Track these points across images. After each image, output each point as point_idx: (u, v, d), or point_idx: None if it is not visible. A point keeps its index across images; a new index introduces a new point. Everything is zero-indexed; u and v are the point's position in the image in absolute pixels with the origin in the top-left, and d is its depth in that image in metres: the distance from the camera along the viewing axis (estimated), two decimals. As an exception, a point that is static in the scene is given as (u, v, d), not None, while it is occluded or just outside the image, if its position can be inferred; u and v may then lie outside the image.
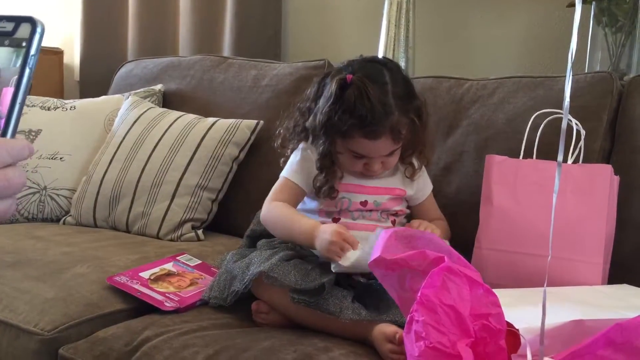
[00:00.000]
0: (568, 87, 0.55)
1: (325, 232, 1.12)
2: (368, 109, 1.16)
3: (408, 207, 1.33)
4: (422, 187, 1.33)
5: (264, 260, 1.16)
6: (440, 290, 0.76)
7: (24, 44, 0.53)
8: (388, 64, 1.25)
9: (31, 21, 0.54)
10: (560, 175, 1.19)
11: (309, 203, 1.30)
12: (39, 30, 0.53)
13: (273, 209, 1.26)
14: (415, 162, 1.30)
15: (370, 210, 1.26)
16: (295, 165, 1.29)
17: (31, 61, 0.53)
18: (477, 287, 0.77)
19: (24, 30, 0.54)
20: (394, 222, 1.28)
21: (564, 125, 0.53)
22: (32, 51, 0.53)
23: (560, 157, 0.57)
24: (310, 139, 1.27)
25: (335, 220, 1.26)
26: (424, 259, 0.81)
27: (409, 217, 1.33)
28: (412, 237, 0.86)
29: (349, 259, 1.09)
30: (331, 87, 1.20)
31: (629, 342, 0.72)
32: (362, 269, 1.06)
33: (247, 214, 1.52)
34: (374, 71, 1.21)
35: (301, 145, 1.30)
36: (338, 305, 1.06)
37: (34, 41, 0.53)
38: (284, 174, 1.31)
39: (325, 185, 1.24)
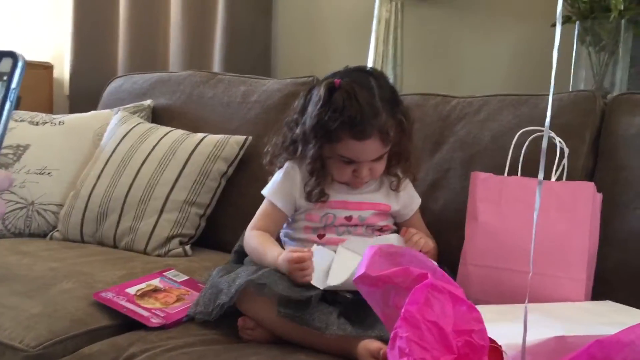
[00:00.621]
0: (550, 104, 0.56)
1: (282, 265, 1.16)
2: (357, 110, 1.19)
3: (395, 224, 1.34)
4: (409, 203, 1.35)
5: (251, 273, 1.17)
6: (424, 306, 0.76)
7: (5, 77, 0.54)
8: (374, 72, 1.30)
9: (12, 55, 0.54)
10: (541, 193, 1.20)
11: (295, 221, 1.31)
12: (20, 64, 0.54)
13: (249, 239, 1.30)
14: (400, 174, 1.31)
15: (356, 225, 1.27)
16: (277, 185, 1.31)
17: (12, 95, 0.54)
18: (460, 304, 0.78)
19: (5, 65, 0.54)
20: None
21: (544, 144, 0.55)
22: (13, 85, 0.54)
23: (541, 176, 0.58)
24: (300, 149, 1.28)
25: (321, 237, 1.27)
26: (407, 275, 0.82)
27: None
28: (396, 253, 0.87)
29: (339, 278, 1.11)
30: (320, 92, 1.24)
31: (609, 358, 0.72)
32: (350, 286, 1.07)
33: (235, 229, 1.52)
34: (360, 77, 1.26)
35: (287, 164, 1.31)
36: (324, 321, 1.07)
37: (15, 75, 0.54)
38: (265, 192, 1.33)
39: (316, 189, 1.26)
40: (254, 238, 1.29)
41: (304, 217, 1.30)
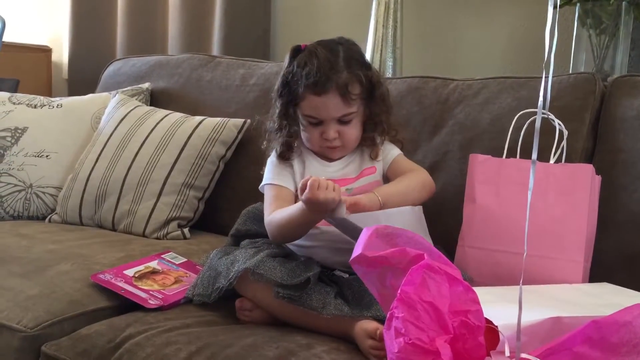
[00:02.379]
0: (542, 86, 0.56)
1: (306, 203, 1.10)
2: (316, 66, 1.21)
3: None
4: (386, 154, 1.33)
5: (249, 257, 1.17)
6: (420, 287, 0.76)
7: None
8: (343, 40, 1.30)
9: None
10: (539, 175, 1.20)
11: None
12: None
13: (271, 225, 1.24)
14: (377, 138, 1.31)
15: None
16: (274, 168, 1.32)
17: None
18: (457, 284, 0.78)
19: None
20: None
21: (537, 123, 0.54)
22: None
23: (534, 156, 0.57)
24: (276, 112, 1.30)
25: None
26: (404, 256, 0.82)
27: None
28: (393, 234, 0.87)
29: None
30: (286, 57, 1.27)
31: (605, 338, 0.72)
32: (356, 226, 1.06)
33: (233, 212, 1.52)
34: (328, 42, 1.27)
35: (273, 152, 1.34)
36: (321, 301, 1.08)
37: None
38: (265, 181, 1.32)
39: (284, 145, 1.28)
40: (273, 221, 1.23)
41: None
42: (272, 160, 1.34)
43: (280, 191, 1.29)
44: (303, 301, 1.08)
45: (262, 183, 1.33)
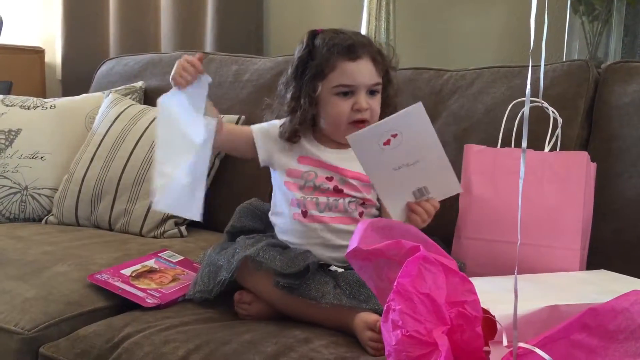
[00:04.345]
0: (529, 74, 0.55)
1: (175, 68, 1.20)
2: (346, 36, 1.23)
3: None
4: None
5: (248, 247, 1.18)
6: (416, 279, 0.76)
7: None
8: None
9: None
10: (533, 163, 1.20)
11: (277, 178, 1.30)
12: None
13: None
14: None
15: (339, 192, 1.24)
16: (266, 124, 1.32)
17: None
18: (453, 275, 0.77)
19: None
20: (361, 214, 1.24)
21: (526, 111, 0.54)
22: None
23: (524, 144, 0.57)
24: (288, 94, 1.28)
25: (304, 214, 1.24)
26: (399, 248, 0.82)
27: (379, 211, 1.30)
28: (388, 227, 0.87)
29: None
30: (303, 41, 1.27)
31: (602, 326, 0.72)
32: None
33: (230, 209, 1.51)
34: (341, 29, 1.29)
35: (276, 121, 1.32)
36: (320, 291, 1.08)
37: None
38: (254, 126, 1.33)
39: (289, 128, 1.26)
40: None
41: (284, 172, 1.28)
42: (272, 123, 1.32)
43: (247, 130, 1.31)
44: (302, 291, 1.08)
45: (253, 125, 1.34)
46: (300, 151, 1.28)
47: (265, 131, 1.31)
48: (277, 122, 1.31)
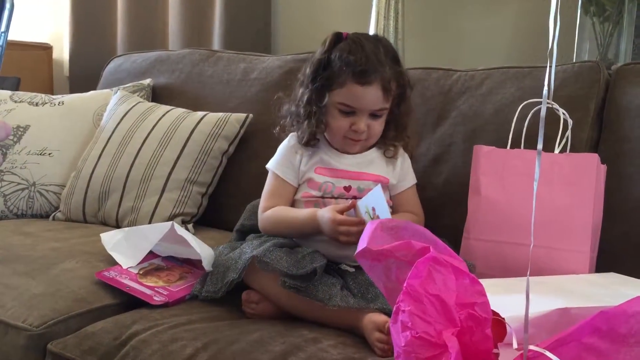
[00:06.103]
0: (547, 75, 0.55)
1: (325, 224, 1.16)
2: (363, 56, 1.21)
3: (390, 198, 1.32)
4: (404, 177, 1.33)
5: (256, 247, 1.18)
6: (426, 280, 0.76)
7: None
8: (381, 38, 1.32)
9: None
10: (544, 165, 1.19)
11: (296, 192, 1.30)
12: (7, 6, 0.53)
13: (265, 222, 1.28)
14: (396, 142, 1.31)
15: (355, 197, 1.25)
16: (283, 157, 1.31)
17: (1, 39, 0.52)
18: (463, 277, 0.77)
19: None
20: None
21: (542, 113, 0.53)
22: (2, 28, 0.52)
23: (540, 146, 0.57)
24: (302, 112, 1.28)
25: None
26: (409, 249, 0.81)
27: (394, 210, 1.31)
28: (397, 227, 0.86)
29: None
30: (326, 40, 1.26)
31: (613, 329, 0.72)
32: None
33: (237, 207, 1.52)
34: (368, 36, 1.29)
35: (289, 136, 1.32)
36: (327, 293, 1.08)
37: (3, 18, 0.53)
38: (270, 165, 1.32)
39: (306, 132, 1.26)
40: (269, 217, 1.27)
41: (305, 185, 1.29)
42: (286, 145, 1.32)
43: (281, 185, 1.29)
44: (309, 292, 1.08)
45: (269, 165, 1.33)
46: (317, 161, 1.29)
47: (282, 162, 1.31)
48: (282, 145, 1.32)
